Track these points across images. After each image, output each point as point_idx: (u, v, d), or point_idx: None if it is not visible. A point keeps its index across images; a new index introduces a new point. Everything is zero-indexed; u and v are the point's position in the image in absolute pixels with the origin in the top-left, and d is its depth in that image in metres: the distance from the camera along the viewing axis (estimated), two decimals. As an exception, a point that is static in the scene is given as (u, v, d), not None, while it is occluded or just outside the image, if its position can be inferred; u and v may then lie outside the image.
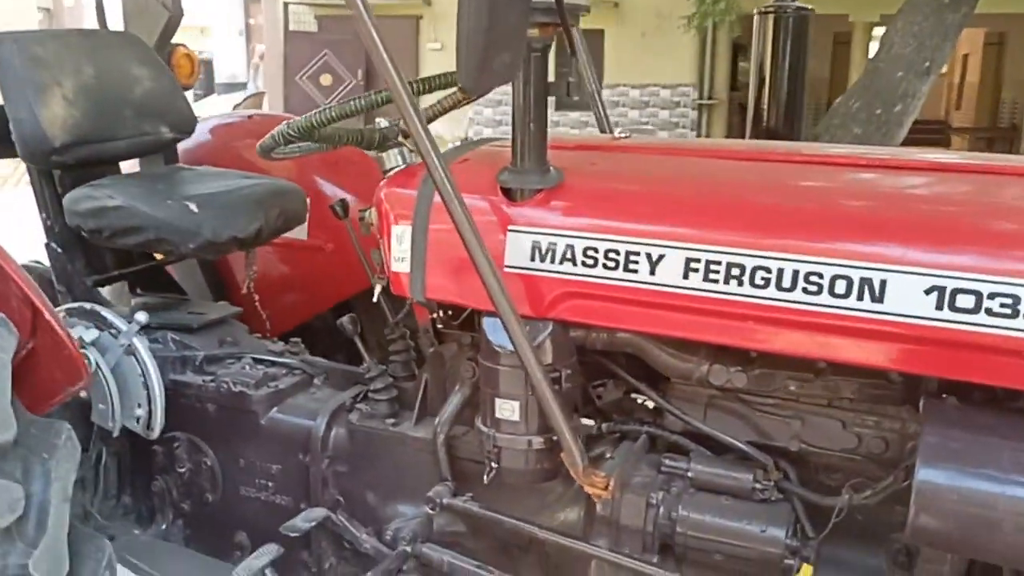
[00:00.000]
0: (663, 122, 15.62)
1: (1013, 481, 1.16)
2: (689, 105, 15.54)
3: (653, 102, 15.65)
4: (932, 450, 1.22)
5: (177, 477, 2.08)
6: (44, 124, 1.94)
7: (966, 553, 1.29)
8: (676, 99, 15.59)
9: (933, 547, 1.29)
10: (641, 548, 1.56)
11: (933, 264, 1.23)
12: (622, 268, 1.42)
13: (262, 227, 2.00)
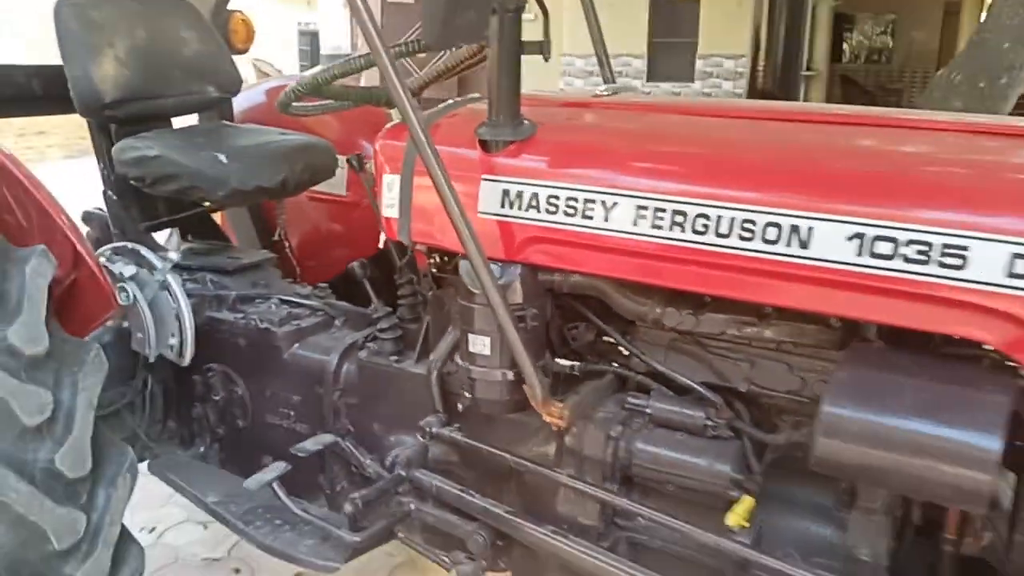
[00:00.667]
0: (758, 94, 15.35)
1: (909, 416, 1.24)
2: (787, 76, 15.21)
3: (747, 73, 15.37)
4: (840, 386, 1.30)
5: (213, 405, 2.30)
6: (97, 81, 2.17)
7: (863, 481, 1.37)
8: (774, 70, 15.29)
9: (834, 475, 1.37)
10: (602, 477, 1.68)
11: (854, 212, 1.30)
12: (580, 215, 1.54)
13: (287, 178, 2.18)
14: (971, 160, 1.37)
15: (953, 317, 1.26)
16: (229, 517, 2.04)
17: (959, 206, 1.25)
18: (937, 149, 1.44)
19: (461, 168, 1.62)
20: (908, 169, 1.36)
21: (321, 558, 1.88)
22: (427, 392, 1.93)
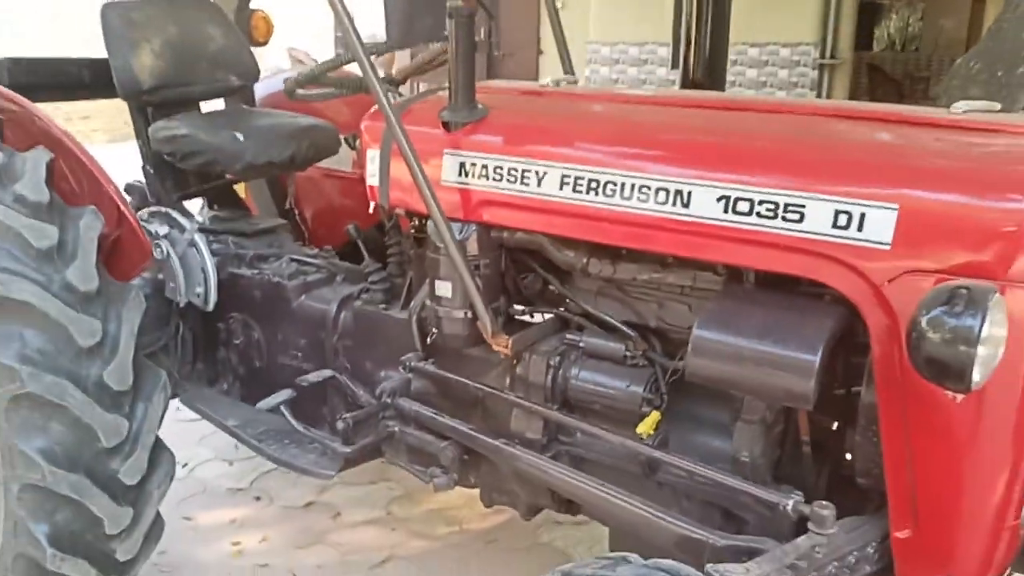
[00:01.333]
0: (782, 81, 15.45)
1: (753, 338, 1.60)
2: (809, 65, 15.30)
3: (772, 61, 15.45)
4: (706, 315, 1.67)
5: (234, 348, 2.70)
6: (136, 71, 2.58)
7: (723, 387, 1.73)
8: (796, 58, 15.36)
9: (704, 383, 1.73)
10: (544, 399, 2.06)
11: (721, 179, 1.66)
12: (520, 182, 1.91)
13: (294, 154, 2.58)
14: (812, 137, 1.73)
15: (794, 260, 1.61)
16: (246, 437, 2.44)
17: (798, 174, 1.60)
18: (789, 129, 1.79)
19: (428, 144, 2.00)
20: (762, 144, 1.71)
21: (319, 467, 2.28)
22: (407, 334, 2.31)
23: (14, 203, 1.95)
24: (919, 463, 1.56)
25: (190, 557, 2.81)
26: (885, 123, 1.78)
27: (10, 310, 1.88)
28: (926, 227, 1.50)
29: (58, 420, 1.93)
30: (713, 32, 2.33)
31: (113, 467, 2.02)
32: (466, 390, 2.20)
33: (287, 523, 3.05)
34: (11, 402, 1.90)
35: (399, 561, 2.83)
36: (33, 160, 2.03)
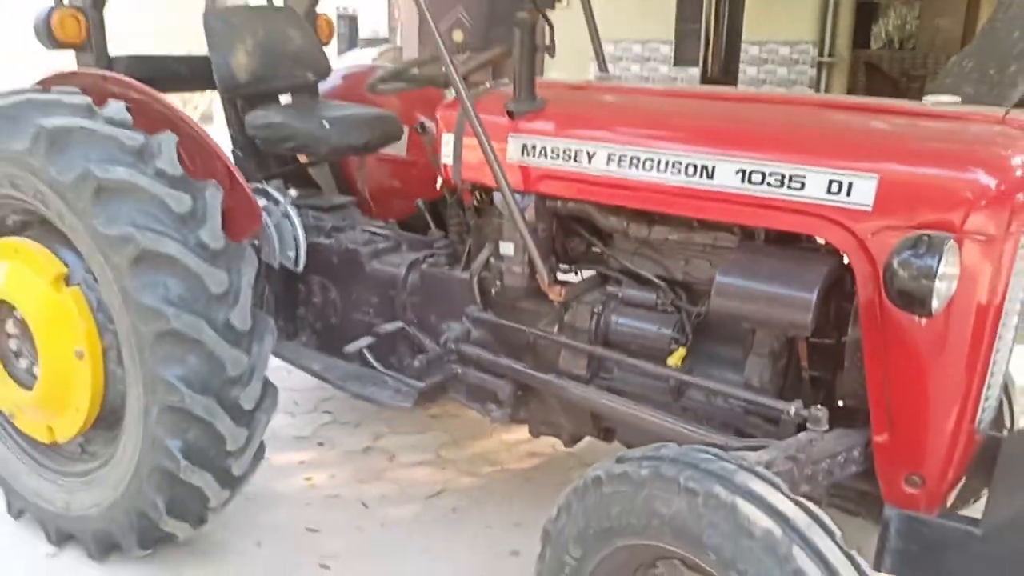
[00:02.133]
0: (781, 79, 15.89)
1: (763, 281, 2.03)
2: (808, 63, 15.74)
3: (772, 59, 15.90)
4: (726, 265, 2.10)
5: (312, 306, 3.13)
6: (233, 68, 3.01)
7: (739, 321, 2.16)
8: (795, 56, 15.81)
9: (726, 318, 2.16)
10: (588, 340, 2.49)
11: (739, 156, 2.09)
12: (572, 160, 2.34)
13: (369, 140, 3.01)
14: (811, 122, 2.17)
15: (796, 220, 2.04)
16: (330, 378, 2.87)
17: (800, 151, 2.04)
18: (791, 116, 2.24)
19: (495, 130, 2.42)
20: (771, 128, 2.15)
21: (396, 400, 2.70)
22: (469, 291, 2.74)
23: (155, 176, 2.38)
24: (894, 379, 1.99)
25: (271, 489, 3.24)
26: (869, 112, 2.22)
27: (157, 263, 2.31)
28: (900, 193, 1.93)
29: (194, 353, 2.35)
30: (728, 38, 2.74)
31: (235, 394, 2.45)
32: (521, 335, 2.64)
33: (349, 464, 3.48)
34: (157, 338, 2.32)
35: (451, 493, 3.27)
36: (166, 141, 2.45)
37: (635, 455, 1.86)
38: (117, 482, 2.56)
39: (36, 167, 2.37)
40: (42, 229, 2.68)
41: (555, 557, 1.99)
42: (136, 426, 2.45)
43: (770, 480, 1.71)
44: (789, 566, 1.59)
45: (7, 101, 2.49)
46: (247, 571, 2.78)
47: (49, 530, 2.84)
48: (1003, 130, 2.02)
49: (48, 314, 2.54)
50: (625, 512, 1.80)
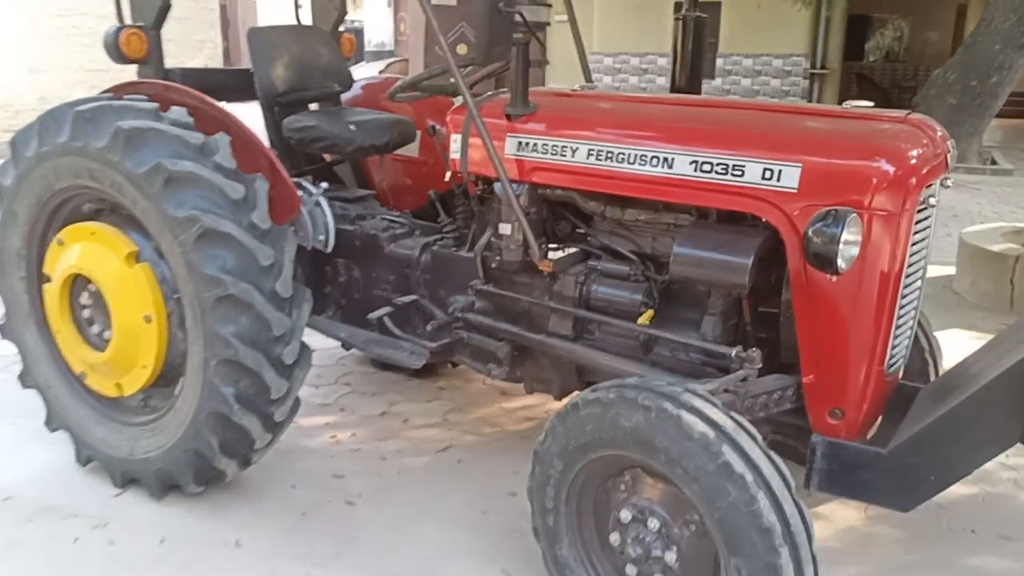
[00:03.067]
0: (774, 90, 16.46)
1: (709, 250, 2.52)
2: (800, 74, 16.31)
3: (765, 71, 16.49)
4: (681, 238, 2.59)
5: (337, 284, 3.62)
6: (274, 80, 3.52)
7: (693, 281, 2.65)
8: (788, 68, 16.39)
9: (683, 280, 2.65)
10: (573, 305, 2.98)
11: (693, 149, 2.58)
12: (559, 154, 2.84)
13: (389, 140, 3.51)
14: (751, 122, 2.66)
15: (739, 201, 2.53)
16: (356, 343, 3.36)
17: (741, 145, 2.53)
18: (736, 117, 2.73)
19: (496, 130, 2.92)
20: (719, 127, 2.65)
21: (411, 359, 3.18)
22: (473, 267, 3.22)
23: (214, 169, 2.87)
24: (816, 329, 2.48)
25: (301, 445, 3.73)
26: (798, 114, 2.72)
27: (217, 239, 2.80)
28: (819, 177, 2.42)
29: (246, 315, 2.84)
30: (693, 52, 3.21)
31: (278, 351, 2.93)
32: (517, 303, 3.13)
33: (368, 426, 3.97)
34: (216, 302, 2.81)
35: (457, 448, 3.75)
36: (221, 140, 2.95)
37: (605, 385, 2.34)
38: (177, 427, 3.05)
39: (114, 161, 2.86)
40: (112, 215, 3.17)
41: (542, 472, 2.47)
42: (196, 377, 2.94)
43: (707, 399, 2.20)
44: (720, 460, 2.07)
45: (87, 107, 2.98)
46: (284, 507, 3.26)
47: (115, 473, 3.32)
48: (904, 128, 2.51)
49: (121, 285, 3.02)
50: (596, 428, 2.29)
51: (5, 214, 3.29)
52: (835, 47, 16.58)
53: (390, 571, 2.88)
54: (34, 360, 3.45)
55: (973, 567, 2.98)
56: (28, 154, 3.10)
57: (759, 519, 2.03)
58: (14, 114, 12.26)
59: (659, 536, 2.29)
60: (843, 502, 3.32)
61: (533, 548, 2.63)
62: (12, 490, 3.36)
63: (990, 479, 3.55)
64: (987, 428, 2.34)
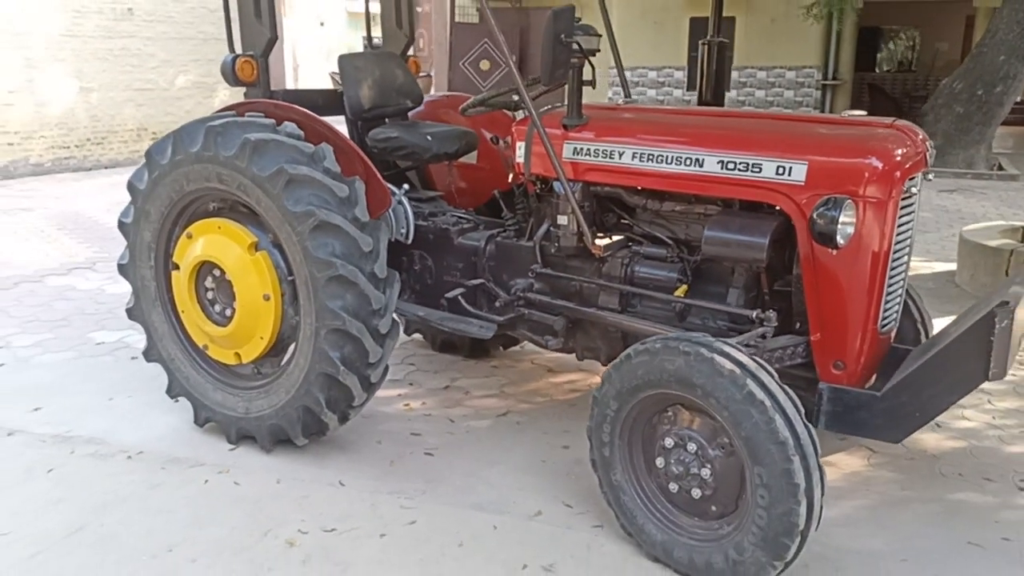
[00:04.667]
0: (788, 101, 17.04)
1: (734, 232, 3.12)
2: (813, 86, 16.89)
3: (779, 83, 17.08)
4: (711, 224, 3.19)
5: (413, 272, 4.22)
6: (361, 98, 4.16)
7: (721, 258, 3.24)
8: (801, 80, 16.96)
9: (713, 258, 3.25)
10: (619, 283, 3.58)
11: (719, 151, 3.19)
12: (608, 157, 3.45)
13: (458, 149, 4.14)
14: (767, 128, 3.26)
15: (757, 193, 3.13)
16: (432, 320, 3.96)
17: (759, 147, 3.13)
18: (755, 125, 3.33)
19: (554, 138, 3.53)
20: (740, 132, 3.25)
21: (481, 331, 3.77)
22: (532, 254, 3.82)
23: (324, 172, 3.49)
24: (821, 295, 3.07)
25: (380, 412, 4.34)
26: (805, 122, 3.33)
27: (328, 230, 3.41)
28: (822, 173, 3.01)
29: (351, 292, 3.45)
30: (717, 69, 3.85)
31: (375, 322, 3.54)
32: (571, 283, 3.73)
33: (435, 396, 4.58)
34: (327, 281, 3.42)
35: (514, 414, 4.35)
36: (327, 149, 3.57)
37: (651, 339, 2.94)
38: (290, 387, 3.66)
39: (241, 167, 3.49)
40: (232, 212, 3.80)
41: (600, 413, 3.07)
42: (308, 344, 3.55)
43: (733, 346, 2.79)
44: (745, 390, 2.66)
45: (217, 122, 3.61)
46: (375, 457, 3.87)
47: (230, 432, 3.94)
48: (890, 132, 3.10)
49: (244, 270, 3.64)
50: (646, 372, 2.88)
51: (138, 213, 3.92)
52: (846, 59, 17.14)
53: (470, 503, 3.47)
54: (159, 337, 4.08)
55: (959, 501, 3.54)
56: (163, 162, 3.73)
57: (776, 435, 2.61)
58: (67, 131, 13.00)
59: (696, 457, 2.88)
60: (850, 452, 3.91)
61: (587, 486, 3.23)
62: (142, 446, 3.98)
63: (978, 435, 4.12)
64: (958, 372, 2.91)
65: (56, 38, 12.58)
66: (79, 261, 7.67)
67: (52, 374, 4.93)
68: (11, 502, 3.48)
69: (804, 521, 2.65)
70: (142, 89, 13.84)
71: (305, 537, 3.22)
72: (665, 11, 16.13)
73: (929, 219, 9.84)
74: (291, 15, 28.45)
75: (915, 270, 7.32)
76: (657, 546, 3.01)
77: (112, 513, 3.39)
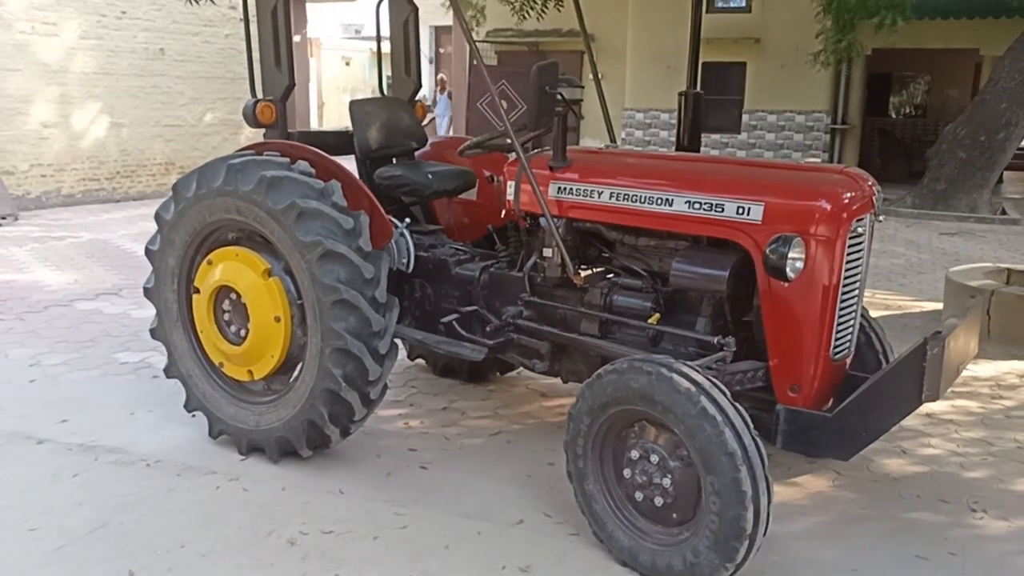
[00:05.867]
0: (797, 144, 17.38)
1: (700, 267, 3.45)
2: (822, 129, 17.23)
3: (788, 126, 17.43)
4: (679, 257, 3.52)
5: (414, 299, 4.56)
6: (368, 140, 4.54)
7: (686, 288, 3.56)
8: (810, 124, 17.31)
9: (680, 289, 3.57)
10: (599, 311, 3.90)
11: (687, 192, 3.52)
12: (589, 196, 3.79)
13: (458, 186, 4.50)
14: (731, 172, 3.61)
15: (721, 230, 3.46)
16: (428, 342, 4.29)
17: (722, 190, 3.46)
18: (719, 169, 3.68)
19: (541, 178, 3.89)
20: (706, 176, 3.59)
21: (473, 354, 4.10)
22: (521, 283, 4.16)
23: (332, 206, 3.85)
24: (777, 324, 3.38)
25: (381, 429, 4.66)
26: (766, 167, 3.67)
27: (334, 258, 3.76)
28: (778, 213, 3.33)
29: (354, 315, 3.79)
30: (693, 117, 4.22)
31: (375, 343, 3.88)
32: (556, 311, 4.06)
33: (433, 416, 4.90)
34: (332, 304, 3.77)
35: (506, 433, 4.66)
36: (336, 185, 3.94)
37: (619, 360, 3.26)
38: (296, 402, 4.00)
39: (258, 200, 3.86)
40: (249, 241, 4.16)
41: (575, 428, 3.37)
42: (313, 362, 3.89)
43: (691, 367, 3.10)
44: (699, 406, 2.96)
45: (237, 160, 4.00)
46: (373, 469, 4.19)
47: (241, 443, 4.28)
48: (840, 177, 3.43)
49: (258, 294, 4.00)
50: (614, 389, 3.19)
51: (164, 241, 4.30)
52: (855, 104, 17.50)
53: (458, 511, 3.78)
54: (179, 355, 4.44)
55: (913, 519, 3.80)
56: (188, 195, 4.11)
57: (726, 446, 2.91)
58: (98, 164, 13.55)
59: (658, 468, 3.18)
60: (816, 473, 4.19)
61: (568, 499, 3.50)
62: (160, 455, 4.32)
63: (940, 461, 4.38)
64: (897, 395, 3.20)
65: (91, 76, 13.16)
66: (106, 287, 8.08)
67: (78, 390, 5.29)
68: (40, 502, 3.82)
69: (752, 526, 2.94)
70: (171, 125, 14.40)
71: (305, 537, 3.53)
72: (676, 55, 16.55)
73: (926, 261, 10.11)
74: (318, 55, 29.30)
75: (905, 309, 7.62)
76: (624, 551, 3.30)
77: (131, 513, 3.72)
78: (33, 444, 4.45)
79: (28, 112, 12.45)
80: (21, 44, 12.20)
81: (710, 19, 16.21)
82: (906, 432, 4.64)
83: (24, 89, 12.34)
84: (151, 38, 13.93)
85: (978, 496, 4.00)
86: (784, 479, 4.07)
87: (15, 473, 4.11)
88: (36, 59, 12.43)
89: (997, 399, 5.35)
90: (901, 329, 6.53)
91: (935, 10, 14.19)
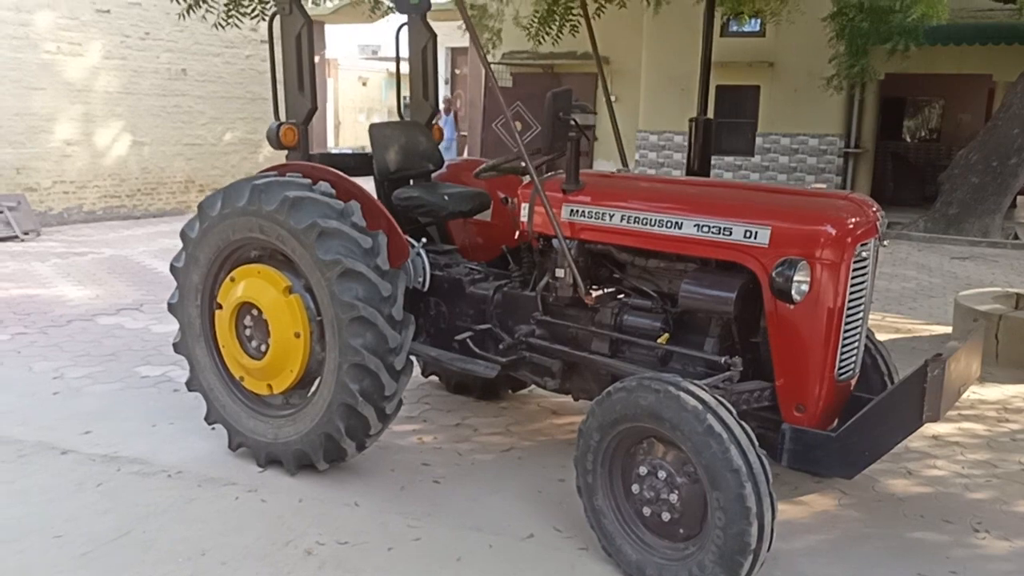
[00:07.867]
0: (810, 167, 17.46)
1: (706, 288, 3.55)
2: (835, 153, 17.30)
3: (802, 150, 17.51)
4: (687, 279, 3.62)
5: (429, 317, 4.68)
6: (387, 162, 4.68)
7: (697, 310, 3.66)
8: (823, 147, 17.38)
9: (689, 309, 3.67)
10: (610, 330, 4.01)
11: (696, 216, 3.63)
12: (600, 219, 3.90)
13: (473, 207, 4.63)
14: (739, 196, 3.71)
15: (729, 253, 3.56)
16: (443, 359, 4.40)
17: (730, 214, 3.57)
18: (728, 194, 3.78)
19: (554, 201, 4.00)
20: (714, 200, 3.69)
21: (487, 371, 4.21)
22: (534, 303, 4.27)
23: (351, 226, 3.98)
24: (782, 345, 3.48)
25: (395, 444, 4.77)
26: (772, 192, 3.77)
27: (353, 276, 3.89)
28: (784, 237, 3.44)
29: (371, 332, 3.91)
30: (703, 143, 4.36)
31: (391, 359, 3.99)
32: (567, 329, 4.17)
33: (446, 432, 5.00)
34: (350, 321, 3.89)
35: (517, 449, 4.75)
36: (355, 206, 4.07)
37: (629, 378, 3.36)
38: (314, 416, 4.11)
39: (281, 220, 3.99)
40: (271, 259, 4.29)
41: (584, 444, 3.47)
42: (331, 377, 4.01)
43: (698, 386, 3.20)
44: (705, 423, 3.05)
45: (262, 181, 4.13)
46: (387, 482, 4.29)
47: (259, 456, 4.39)
48: (845, 203, 3.53)
49: (279, 310, 4.13)
50: (623, 407, 3.29)
51: (189, 258, 4.44)
52: (868, 128, 17.56)
53: (470, 524, 3.87)
54: (201, 369, 4.56)
55: (916, 539, 3.87)
56: (213, 214, 4.25)
57: (731, 463, 3.00)
58: (120, 182, 13.78)
59: (666, 483, 3.27)
60: (823, 493, 4.26)
61: (578, 514, 3.59)
62: (181, 466, 4.44)
63: (945, 482, 4.45)
64: (899, 416, 3.28)
65: (114, 95, 13.42)
66: (127, 303, 8.24)
67: (101, 402, 5.42)
68: (65, 510, 3.94)
69: (756, 541, 3.02)
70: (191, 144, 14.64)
71: (321, 548, 3.63)
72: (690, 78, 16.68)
73: (937, 285, 10.16)
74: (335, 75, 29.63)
75: (915, 332, 7.68)
76: (632, 565, 3.38)
77: (153, 522, 3.83)
78: (57, 455, 4.57)
79: (52, 130, 12.71)
80: (47, 63, 12.47)
81: (724, 43, 16.38)
82: (912, 453, 4.71)
83: (48, 107, 12.60)
84: (173, 58, 14.20)
85: (981, 517, 4.06)
86: (790, 498, 4.15)
87: (40, 482, 4.23)
88: (61, 78, 12.70)
89: (1003, 422, 5.41)
90: (910, 352, 6.58)
91: (948, 36, 14.26)
